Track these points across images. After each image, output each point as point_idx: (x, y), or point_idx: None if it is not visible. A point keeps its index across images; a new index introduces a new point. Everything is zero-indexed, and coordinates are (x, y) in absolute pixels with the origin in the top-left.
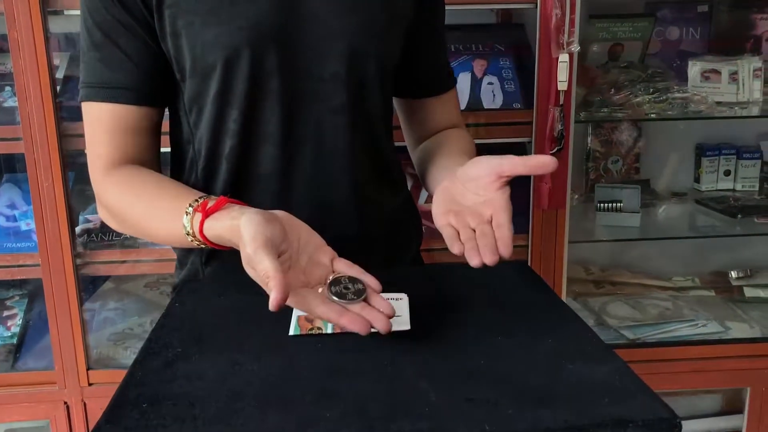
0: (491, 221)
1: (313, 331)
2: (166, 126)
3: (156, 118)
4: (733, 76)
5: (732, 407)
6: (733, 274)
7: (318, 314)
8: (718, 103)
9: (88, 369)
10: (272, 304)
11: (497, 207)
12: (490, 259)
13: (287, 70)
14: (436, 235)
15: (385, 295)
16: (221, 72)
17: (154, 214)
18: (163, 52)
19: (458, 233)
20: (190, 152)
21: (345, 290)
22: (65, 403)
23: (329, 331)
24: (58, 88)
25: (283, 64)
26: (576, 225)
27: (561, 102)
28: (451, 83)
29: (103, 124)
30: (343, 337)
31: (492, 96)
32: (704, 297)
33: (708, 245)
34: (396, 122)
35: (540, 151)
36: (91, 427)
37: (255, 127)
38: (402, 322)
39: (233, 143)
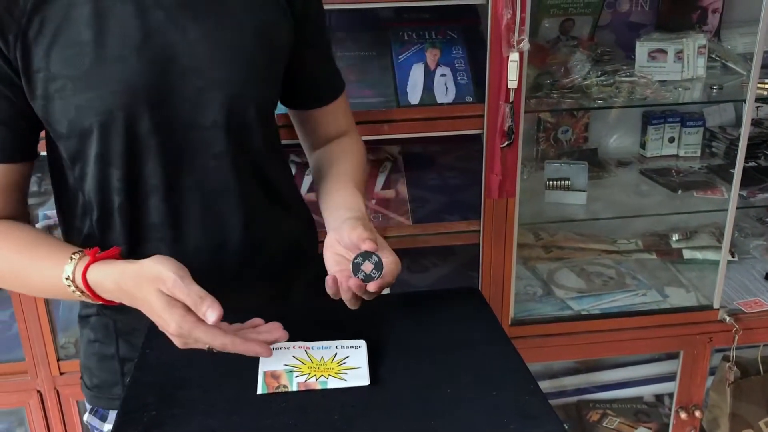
0: None
1: (279, 389)
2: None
3: (26, 172)
4: (679, 55)
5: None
6: (674, 236)
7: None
8: (663, 82)
9: (58, 360)
10: (212, 320)
11: None
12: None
13: (164, 127)
14: None
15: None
16: (98, 135)
17: (33, 263)
18: (31, 109)
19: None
20: (80, 199)
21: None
22: (38, 391)
23: (294, 388)
24: None
25: (159, 121)
26: (527, 200)
27: (511, 99)
28: (337, 92)
29: None
30: (306, 394)
31: (445, 89)
32: (646, 260)
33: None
34: None
35: (491, 143)
36: (65, 413)
37: (140, 182)
38: (361, 376)
39: (121, 199)
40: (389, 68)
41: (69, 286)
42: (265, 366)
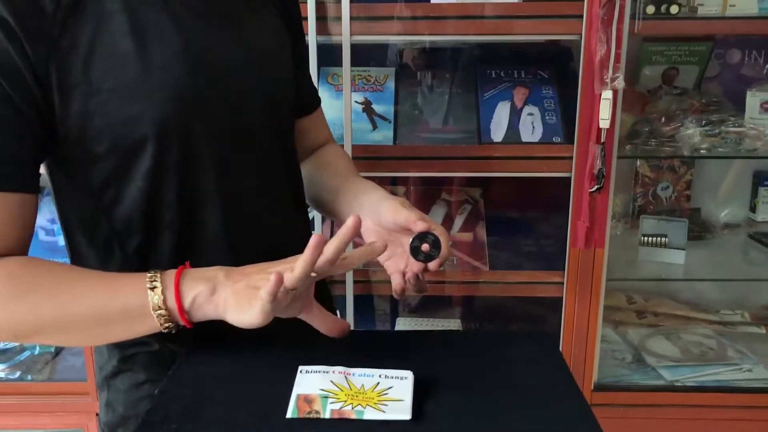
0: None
1: (311, 415)
2: None
3: (36, 204)
4: None
5: None
6: None
7: None
8: None
9: None
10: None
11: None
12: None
13: (217, 130)
14: None
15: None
16: (153, 147)
17: (86, 303)
18: (47, 134)
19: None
20: (103, 231)
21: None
22: (97, 414)
23: (327, 415)
24: None
25: (209, 126)
26: (618, 256)
27: (602, 140)
28: (317, 102)
29: None
30: (338, 423)
31: (531, 128)
32: (753, 334)
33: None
34: None
35: (579, 187)
36: None
37: (194, 192)
38: (402, 409)
39: (172, 213)
40: (474, 106)
41: (159, 313)
42: (299, 389)
